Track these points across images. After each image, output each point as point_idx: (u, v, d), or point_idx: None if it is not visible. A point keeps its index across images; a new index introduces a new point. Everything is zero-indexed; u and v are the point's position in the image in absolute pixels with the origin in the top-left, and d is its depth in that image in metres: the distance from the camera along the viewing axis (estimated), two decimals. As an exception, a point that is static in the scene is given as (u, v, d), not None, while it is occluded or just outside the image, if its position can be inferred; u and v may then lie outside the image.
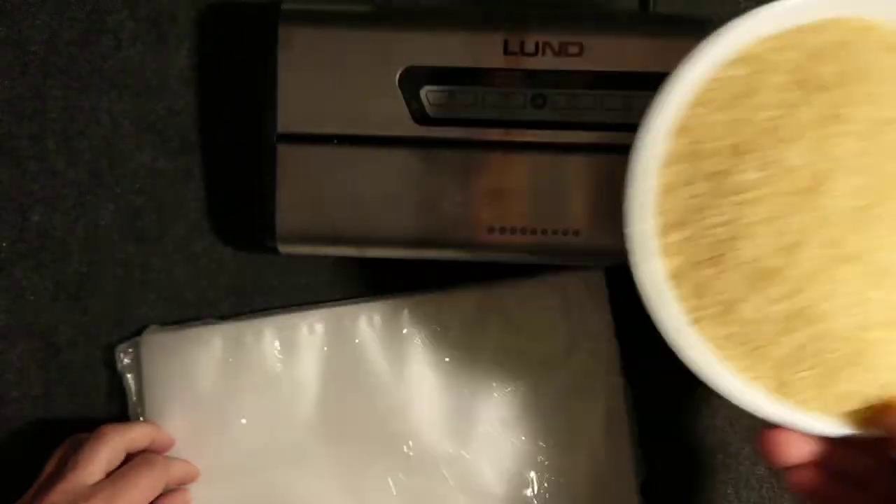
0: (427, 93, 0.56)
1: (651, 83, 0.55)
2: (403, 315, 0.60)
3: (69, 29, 0.62)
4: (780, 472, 0.61)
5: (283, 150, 0.56)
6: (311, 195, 0.56)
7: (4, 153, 0.63)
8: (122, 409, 0.61)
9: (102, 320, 0.62)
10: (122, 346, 0.61)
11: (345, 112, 0.56)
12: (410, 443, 0.59)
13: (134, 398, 0.60)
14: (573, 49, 0.55)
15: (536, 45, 0.55)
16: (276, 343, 0.60)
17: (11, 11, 0.62)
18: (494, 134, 0.56)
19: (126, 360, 0.60)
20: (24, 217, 0.62)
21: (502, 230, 0.56)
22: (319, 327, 0.60)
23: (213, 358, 0.60)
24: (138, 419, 0.60)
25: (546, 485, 0.59)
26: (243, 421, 0.59)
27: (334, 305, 0.61)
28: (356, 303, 0.61)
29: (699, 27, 0.55)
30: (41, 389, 0.62)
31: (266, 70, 0.56)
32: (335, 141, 0.56)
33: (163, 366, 0.60)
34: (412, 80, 0.55)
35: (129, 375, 0.60)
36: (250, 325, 0.60)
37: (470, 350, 0.60)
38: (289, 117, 0.56)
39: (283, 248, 0.58)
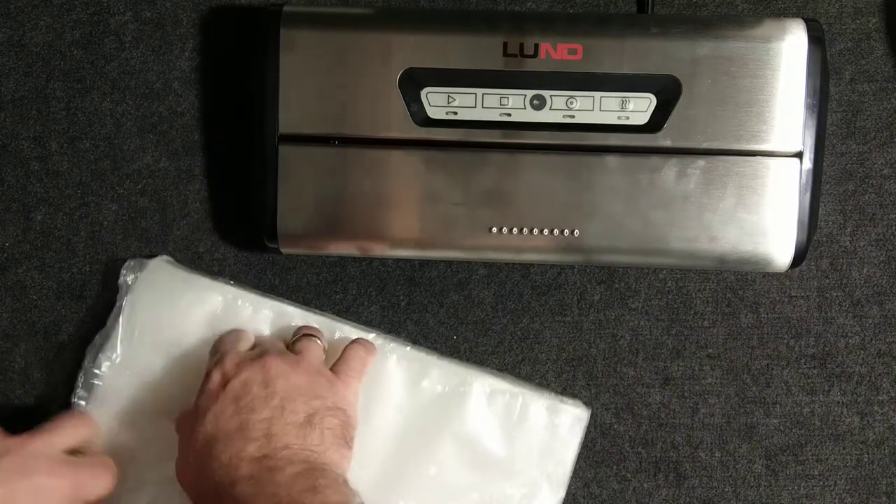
0: (427, 94, 0.56)
1: (649, 85, 0.56)
2: (389, 362, 0.59)
3: (72, 31, 0.63)
4: (777, 470, 0.62)
5: (285, 151, 0.56)
6: (312, 196, 0.57)
7: (8, 154, 0.63)
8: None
9: (106, 320, 0.63)
10: (129, 262, 0.61)
11: (345, 113, 0.56)
12: None
13: (120, 316, 0.60)
14: (572, 51, 0.55)
15: (535, 47, 0.55)
16: (268, 325, 0.60)
17: (15, 13, 0.63)
18: (494, 135, 0.56)
19: (128, 277, 0.60)
20: (28, 217, 0.63)
21: (502, 230, 0.56)
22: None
23: (204, 309, 0.60)
24: (113, 336, 0.59)
25: None
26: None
27: (335, 320, 0.61)
28: (353, 325, 0.61)
29: (696, 30, 0.55)
30: (44, 388, 0.63)
31: (267, 72, 0.56)
32: (336, 142, 0.56)
33: (156, 294, 0.60)
34: (412, 81, 0.56)
35: (125, 292, 0.60)
36: (253, 299, 0.60)
37: (425, 427, 0.59)
38: (290, 119, 0.56)
39: (285, 249, 0.58)
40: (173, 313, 0.60)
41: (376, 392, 0.59)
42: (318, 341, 0.58)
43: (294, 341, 0.57)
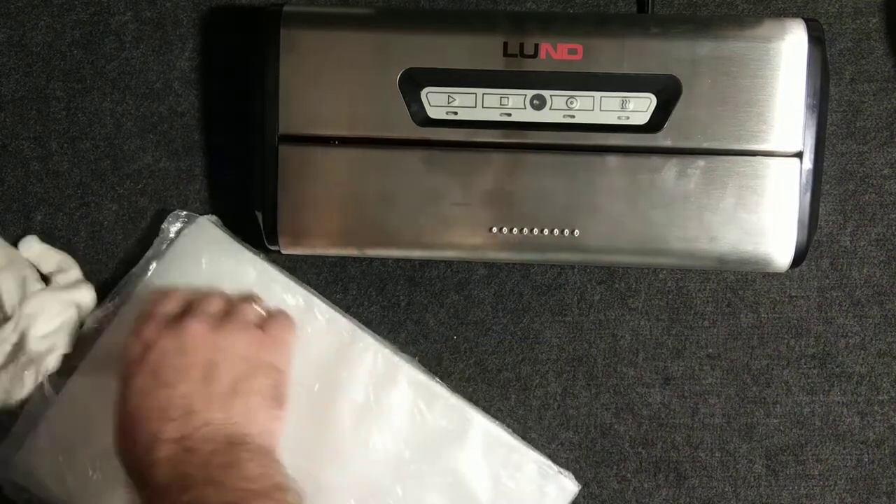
0: (427, 94, 0.56)
1: (649, 85, 0.56)
2: (402, 373, 0.59)
3: (72, 31, 0.63)
4: (777, 470, 0.62)
5: (285, 152, 0.56)
6: (313, 196, 0.57)
7: (9, 154, 0.63)
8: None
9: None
10: (177, 213, 0.61)
11: (346, 114, 0.56)
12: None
13: (153, 261, 0.60)
14: (572, 51, 0.55)
15: (536, 47, 0.55)
16: (295, 312, 0.60)
17: (15, 13, 0.63)
18: (494, 135, 0.56)
19: (171, 226, 0.61)
20: (28, 217, 0.63)
21: (502, 230, 0.56)
22: (333, 328, 0.60)
23: (237, 280, 0.59)
24: (144, 279, 0.60)
25: None
26: None
27: (360, 326, 0.61)
28: (374, 336, 0.61)
29: (696, 30, 0.55)
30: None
31: (268, 72, 0.56)
32: (336, 142, 0.56)
33: (197, 251, 0.60)
34: (412, 81, 0.56)
35: (163, 238, 0.61)
36: (285, 280, 0.60)
37: (420, 456, 0.59)
38: (290, 119, 0.56)
39: (285, 249, 0.58)
40: (206, 276, 0.60)
41: (380, 411, 0.59)
42: (254, 305, 0.57)
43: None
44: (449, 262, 0.62)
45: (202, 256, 0.60)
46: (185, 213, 0.61)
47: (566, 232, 0.56)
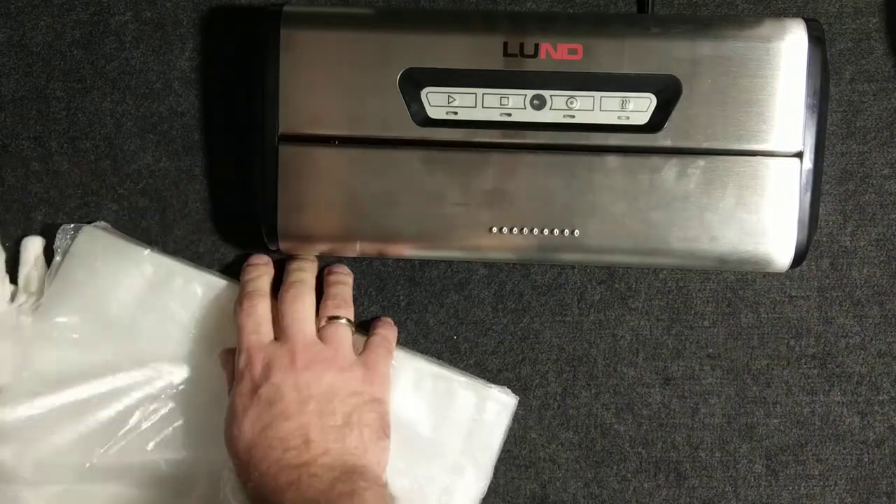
0: (427, 94, 0.56)
1: (649, 85, 0.56)
2: None
3: (72, 31, 0.63)
4: (777, 470, 0.62)
5: (285, 151, 0.56)
6: (313, 196, 0.57)
7: (9, 154, 0.63)
8: (124, 408, 0.61)
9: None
10: (65, 227, 0.61)
11: (346, 113, 0.56)
12: None
13: (51, 274, 0.60)
14: (572, 51, 0.55)
15: (536, 47, 0.55)
16: (198, 300, 0.60)
17: (15, 13, 0.63)
18: (494, 135, 0.56)
19: (65, 239, 0.61)
20: (28, 217, 0.63)
21: (502, 230, 0.56)
22: None
23: (134, 278, 0.60)
24: (38, 292, 0.60)
25: None
26: (131, 347, 0.60)
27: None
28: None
29: (696, 30, 0.55)
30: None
31: (267, 72, 0.56)
32: (336, 142, 0.56)
33: (88, 260, 0.60)
34: (412, 81, 0.56)
35: (58, 252, 0.61)
36: (187, 271, 0.61)
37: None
38: (290, 119, 0.56)
39: (285, 249, 0.58)
40: (103, 280, 0.60)
41: None
42: (346, 323, 0.58)
43: (322, 327, 0.57)
44: (449, 262, 0.62)
45: (96, 263, 0.60)
46: (72, 225, 0.61)
47: (566, 232, 0.56)
